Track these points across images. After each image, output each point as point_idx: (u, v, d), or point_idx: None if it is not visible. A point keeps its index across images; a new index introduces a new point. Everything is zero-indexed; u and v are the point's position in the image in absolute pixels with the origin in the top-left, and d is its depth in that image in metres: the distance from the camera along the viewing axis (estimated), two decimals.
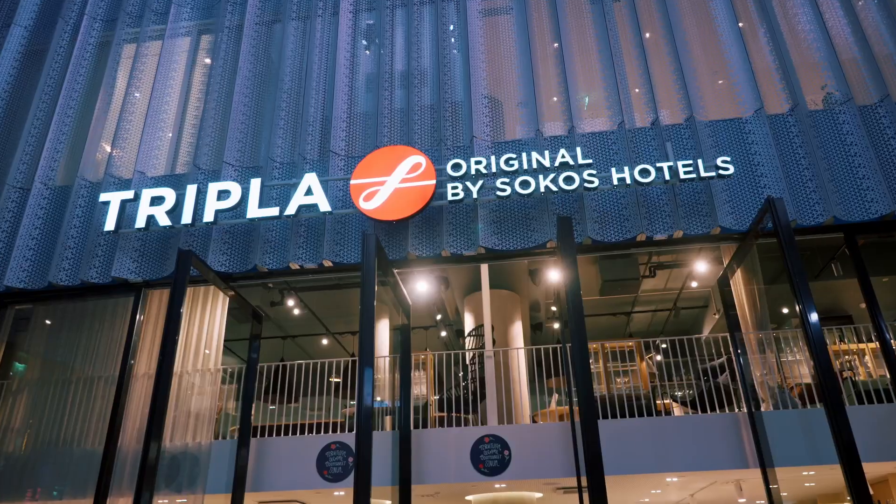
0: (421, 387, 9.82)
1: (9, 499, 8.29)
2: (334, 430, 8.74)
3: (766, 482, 7.38)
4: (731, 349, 8.43)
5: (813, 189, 7.80)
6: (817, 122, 8.18)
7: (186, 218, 8.05)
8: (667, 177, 7.68)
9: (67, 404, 8.69)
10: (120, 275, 8.27)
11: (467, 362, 10.24)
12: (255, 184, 8.13)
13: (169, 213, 8.16)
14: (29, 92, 9.91)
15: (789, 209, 7.66)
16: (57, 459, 8.38)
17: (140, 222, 8.11)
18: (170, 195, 8.22)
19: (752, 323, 9.21)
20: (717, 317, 12.58)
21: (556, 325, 13.80)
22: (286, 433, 8.76)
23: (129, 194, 8.28)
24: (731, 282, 8.73)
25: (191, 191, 8.18)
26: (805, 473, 8.58)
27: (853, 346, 10.04)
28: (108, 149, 9.34)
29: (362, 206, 7.86)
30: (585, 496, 7.48)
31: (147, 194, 8.24)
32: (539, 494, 9.27)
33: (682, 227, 7.75)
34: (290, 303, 11.88)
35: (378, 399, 9.69)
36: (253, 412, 8.49)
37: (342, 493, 8.46)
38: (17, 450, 8.58)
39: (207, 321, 8.95)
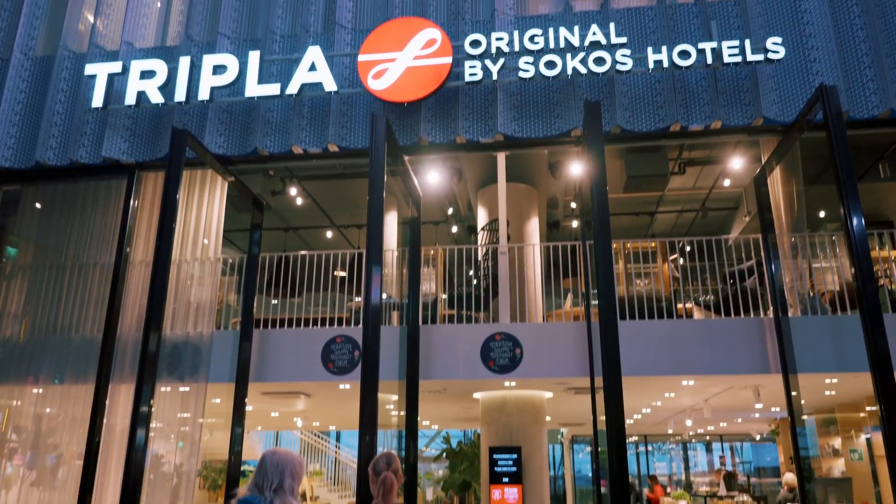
0: (430, 283, 9.86)
1: (9, 386, 8.60)
2: (339, 325, 8.86)
3: (787, 389, 7.48)
4: (761, 252, 8.32)
5: (871, 77, 7.40)
6: (883, 2, 7.64)
7: (180, 95, 7.79)
8: (709, 60, 7.28)
9: (63, 290, 8.82)
10: (111, 155, 8.12)
11: (479, 258, 10.22)
12: (254, 57, 7.79)
13: (161, 88, 7.89)
14: None
15: (842, 99, 7.30)
16: (56, 346, 8.60)
17: (130, 98, 7.86)
18: (161, 68, 7.92)
19: (787, 225, 9.05)
20: (747, 219, 12.39)
21: (575, 224, 13.69)
22: (290, 327, 8.90)
23: (117, 67, 7.98)
24: (768, 180, 8.48)
25: (184, 64, 7.87)
26: (827, 381, 8.71)
27: (894, 253, 9.92)
28: (91, 18, 8.92)
29: (371, 85, 7.55)
30: (598, 397, 7.65)
31: (136, 67, 7.94)
32: (549, 394, 9.52)
33: (722, 116, 7.43)
34: (293, 192, 11.76)
35: (385, 295, 9.77)
36: (255, 305, 8.59)
37: (347, 386, 8.70)
38: (14, 336, 8.79)
39: (206, 208, 8.88)
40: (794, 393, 7.47)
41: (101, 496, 8.02)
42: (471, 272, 10.58)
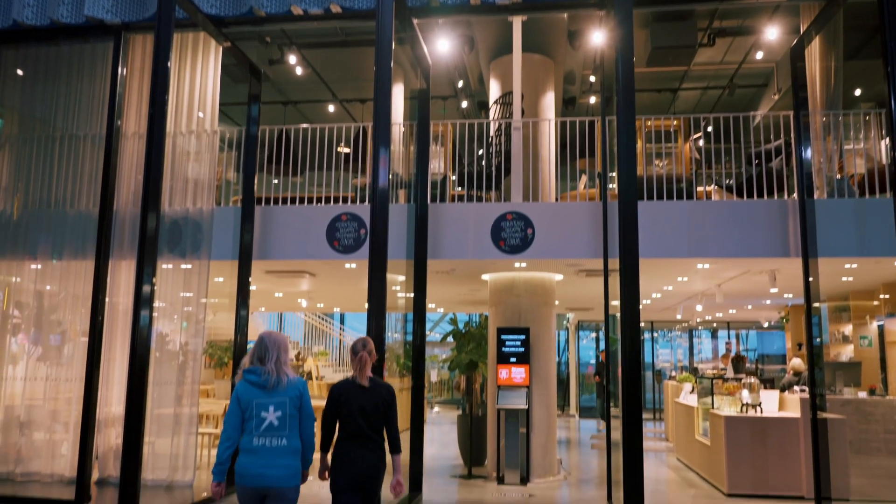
0: (438, 162, 9.70)
1: (6, 262, 8.68)
2: (344, 203, 8.80)
3: (806, 273, 7.50)
4: (791, 131, 8.09)
5: None
6: None
7: None
8: None
9: (55, 164, 8.71)
10: (94, 14, 7.73)
11: (491, 133, 10.01)
12: None
13: None
14: None
15: None
16: (51, 222, 8.60)
17: None
18: None
19: (821, 102, 8.77)
20: (776, 97, 12.02)
21: (592, 100, 13.31)
22: (293, 205, 8.85)
23: None
24: (805, 52, 8.10)
25: None
26: (847, 266, 8.74)
27: None
28: None
29: None
30: (611, 280, 7.70)
31: None
32: (559, 277, 9.60)
33: None
34: (292, 60, 11.34)
35: (391, 173, 9.63)
36: (255, 184, 8.49)
37: (353, 265, 8.77)
38: (7, 211, 8.77)
39: (199, 77, 8.60)
40: (811, 278, 7.51)
41: (109, 372, 8.31)
42: (481, 151, 10.39)
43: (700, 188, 9.04)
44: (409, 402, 8.59)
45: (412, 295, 8.01)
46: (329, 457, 4.41)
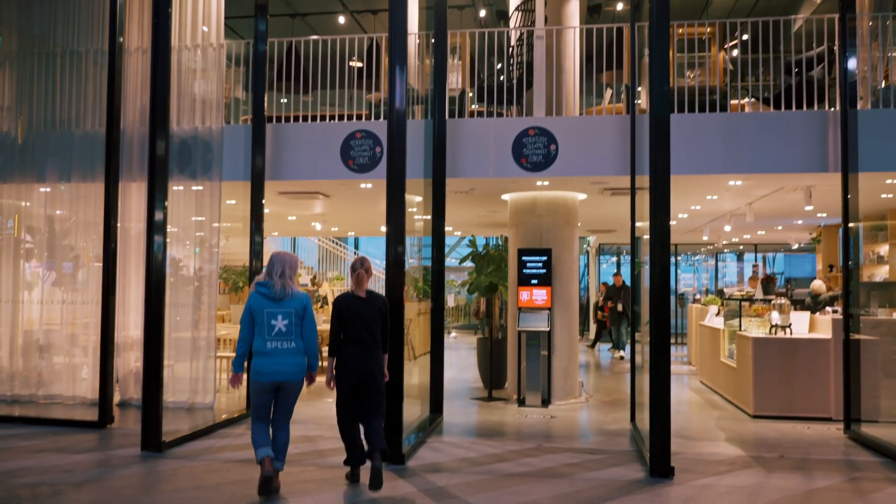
0: (456, 76, 9.44)
1: (15, 185, 8.68)
2: (358, 120, 8.65)
3: (845, 189, 7.33)
4: (836, 35, 7.75)
5: None
6: None
7: None
8: None
9: (56, 82, 8.60)
10: None
11: (512, 44, 9.69)
12: None
13: None
14: None
15: None
16: (57, 143, 8.55)
17: None
18: None
19: (868, 3, 8.37)
20: (819, 0, 11.48)
21: (620, 6, 12.81)
22: (304, 122, 8.71)
23: None
24: None
25: None
26: (889, 182, 8.53)
27: None
28: None
29: None
30: (640, 197, 7.59)
31: None
32: (582, 196, 9.48)
33: None
34: None
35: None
36: (265, 102, 8.34)
37: (369, 185, 8.70)
38: (12, 133, 8.72)
39: None
40: (850, 195, 7.34)
41: (124, 296, 8.43)
42: (499, 65, 10.09)
43: (734, 101, 8.76)
44: (427, 327, 8.70)
45: (429, 217, 7.96)
46: (334, 360, 5.27)
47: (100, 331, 7.46)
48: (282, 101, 10.13)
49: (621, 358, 14.02)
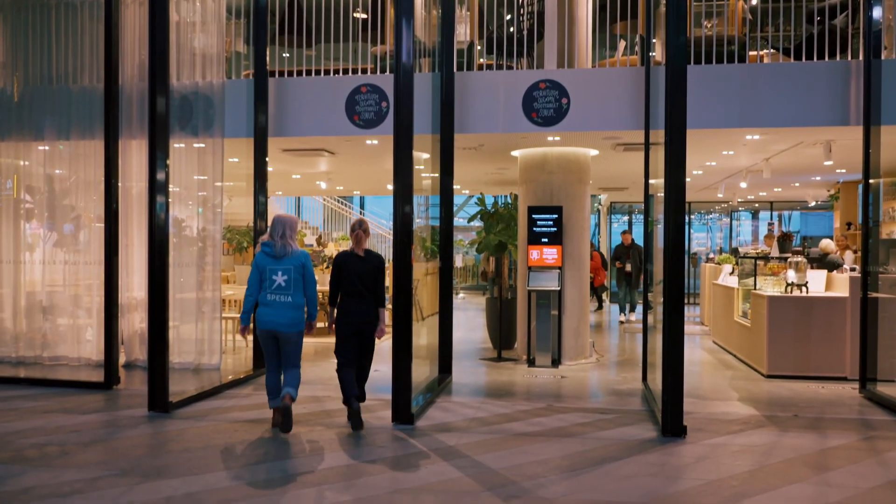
0: (464, 28, 9.28)
1: (13, 143, 8.66)
2: (363, 74, 8.54)
3: (867, 143, 7.23)
4: None
5: None
6: None
7: None
8: None
9: (52, 36, 8.50)
10: None
11: None
12: None
13: None
14: None
15: None
16: (54, 99, 8.49)
17: None
18: None
19: None
20: None
21: None
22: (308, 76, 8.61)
23: None
24: None
25: None
26: None
27: None
28: None
29: None
30: (654, 153, 7.51)
31: None
32: (594, 152, 9.39)
33: None
34: None
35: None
36: (267, 55, 8.24)
37: (375, 141, 8.64)
38: (8, 90, 8.66)
39: None
40: (872, 149, 7.24)
41: (127, 257, 8.46)
42: (509, 16, 9.90)
43: (753, 52, 8.60)
44: (435, 287, 8.71)
45: (437, 175, 7.91)
46: (335, 311, 6.02)
47: (103, 292, 7.51)
48: (284, 55, 9.99)
49: (624, 322, 13.65)
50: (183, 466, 4.85)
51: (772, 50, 8.78)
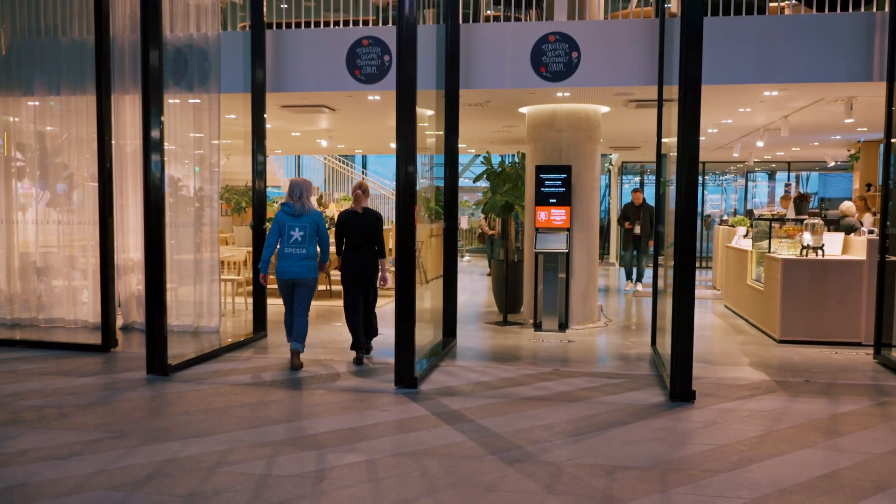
0: None
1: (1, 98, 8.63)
2: (364, 26, 8.44)
3: (889, 100, 7.16)
4: None
5: None
6: None
7: None
8: None
9: None
10: None
11: None
12: None
13: None
14: None
15: None
16: (42, 52, 8.43)
17: None
18: None
19: None
20: None
21: None
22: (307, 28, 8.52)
23: None
24: None
25: None
26: None
27: None
28: None
29: None
30: (667, 110, 7.44)
31: None
32: (605, 109, 9.31)
33: None
34: None
35: None
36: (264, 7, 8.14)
37: (377, 97, 8.58)
38: None
39: None
40: (895, 106, 7.17)
41: (122, 218, 8.48)
42: None
43: (773, 3, 8.46)
44: (440, 249, 8.72)
45: (442, 133, 7.87)
46: (340, 260, 7.13)
47: (98, 253, 7.54)
48: (282, 5, 9.87)
49: (630, 292, 13.00)
50: (182, 429, 4.93)
51: (793, 0, 8.64)
